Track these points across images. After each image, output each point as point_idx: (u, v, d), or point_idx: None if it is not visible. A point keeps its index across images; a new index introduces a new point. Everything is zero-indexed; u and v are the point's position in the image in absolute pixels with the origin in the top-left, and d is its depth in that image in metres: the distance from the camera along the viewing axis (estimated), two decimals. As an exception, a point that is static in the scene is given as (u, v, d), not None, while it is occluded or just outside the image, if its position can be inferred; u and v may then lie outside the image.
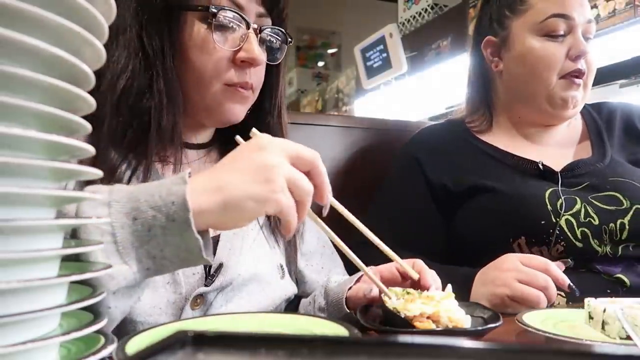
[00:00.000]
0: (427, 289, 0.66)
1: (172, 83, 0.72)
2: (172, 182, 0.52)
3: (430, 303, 0.59)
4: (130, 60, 0.69)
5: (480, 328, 0.59)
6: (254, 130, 0.62)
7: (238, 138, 0.62)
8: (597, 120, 1.11)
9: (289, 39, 0.80)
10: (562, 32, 1.00)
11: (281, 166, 0.53)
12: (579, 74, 1.00)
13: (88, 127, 0.38)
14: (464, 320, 0.59)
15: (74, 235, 0.50)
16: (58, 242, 0.38)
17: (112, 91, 0.68)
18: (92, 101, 0.38)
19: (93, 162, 0.67)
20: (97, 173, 0.39)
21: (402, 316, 0.58)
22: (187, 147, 0.79)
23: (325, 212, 0.60)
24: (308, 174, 0.56)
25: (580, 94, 1.02)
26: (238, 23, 0.72)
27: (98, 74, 0.67)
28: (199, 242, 0.51)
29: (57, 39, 0.33)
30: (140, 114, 0.70)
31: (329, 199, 0.59)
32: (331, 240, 0.65)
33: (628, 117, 1.11)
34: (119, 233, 0.50)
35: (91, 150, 0.38)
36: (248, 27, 0.73)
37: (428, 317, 0.57)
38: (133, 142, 0.70)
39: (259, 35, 0.75)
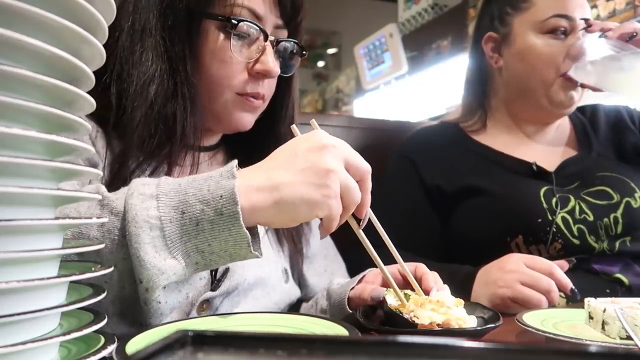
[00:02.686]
0: (428, 293, 0.66)
1: (194, 89, 0.72)
2: (221, 175, 0.52)
3: (440, 309, 0.58)
4: (158, 65, 0.70)
5: (479, 328, 0.58)
6: (313, 121, 0.61)
7: (294, 128, 0.61)
8: (583, 120, 1.14)
9: (304, 52, 0.80)
10: (563, 32, 1.01)
11: (339, 172, 0.52)
12: None
13: (88, 126, 0.38)
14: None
15: (123, 235, 0.51)
16: (58, 242, 0.38)
17: (144, 96, 0.68)
18: (92, 101, 0.38)
19: (120, 166, 0.67)
20: (97, 173, 0.40)
21: (406, 317, 0.57)
22: (199, 149, 0.79)
23: (363, 225, 0.60)
24: (357, 183, 0.56)
25: (578, 94, 1.03)
26: (256, 34, 0.73)
27: (124, 76, 0.68)
28: (247, 236, 0.51)
29: (57, 39, 0.33)
30: (166, 119, 0.70)
31: (368, 213, 0.59)
32: (362, 242, 0.62)
33: (611, 114, 1.14)
34: (167, 227, 0.51)
35: (91, 150, 0.38)
36: (266, 39, 0.73)
37: (438, 325, 0.57)
38: (156, 147, 0.70)
39: (275, 47, 0.75)
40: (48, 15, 0.32)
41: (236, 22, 0.70)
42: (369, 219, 0.61)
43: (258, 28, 0.72)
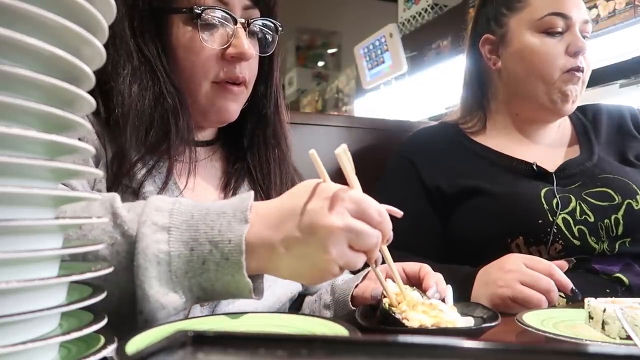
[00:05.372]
0: (425, 291, 0.66)
1: (175, 84, 0.72)
2: (234, 215, 0.52)
3: (432, 312, 0.58)
4: (135, 66, 0.70)
5: (474, 327, 0.59)
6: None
7: (313, 153, 0.55)
8: (584, 121, 1.13)
9: (280, 28, 0.79)
10: (560, 30, 1.01)
11: (343, 231, 0.50)
12: (578, 69, 1.00)
13: (88, 126, 0.38)
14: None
15: (130, 259, 0.50)
16: (58, 242, 0.38)
17: (129, 96, 0.69)
18: (92, 101, 0.38)
19: (120, 164, 0.68)
20: (98, 173, 0.40)
21: (398, 317, 0.57)
22: (195, 144, 0.80)
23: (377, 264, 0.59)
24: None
25: (579, 89, 1.02)
26: (224, 20, 0.72)
27: (105, 79, 0.68)
28: (249, 285, 0.52)
29: (57, 39, 0.33)
30: (160, 116, 0.71)
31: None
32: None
33: (614, 116, 1.13)
34: (174, 262, 0.51)
35: (92, 150, 0.38)
36: (235, 22, 0.73)
37: None
38: (155, 143, 0.70)
39: (247, 29, 0.74)
40: (48, 15, 0.32)
41: (200, 12, 0.70)
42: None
43: (225, 13, 0.72)
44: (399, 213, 0.58)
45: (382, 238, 0.54)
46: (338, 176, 0.57)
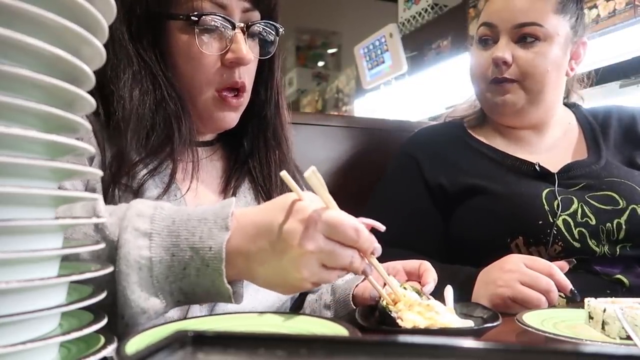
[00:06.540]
0: (423, 287, 0.67)
1: (175, 89, 0.72)
2: (215, 222, 0.52)
3: (427, 314, 0.58)
4: (135, 71, 0.70)
5: (475, 327, 0.59)
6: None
7: (284, 174, 0.54)
8: (593, 124, 1.11)
9: (280, 30, 0.79)
10: (489, 40, 1.03)
11: (313, 259, 0.51)
12: (498, 81, 1.01)
13: (88, 126, 0.38)
14: None
15: (111, 256, 0.51)
16: (58, 242, 0.38)
17: (130, 101, 0.69)
18: (92, 101, 0.38)
19: (119, 166, 0.68)
20: (97, 173, 0.40)
21: (394, 316, 0.58)
22: (196, 145, 0.80)
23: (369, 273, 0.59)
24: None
25: (515, 97, 1.01)
26: (222, 25, 0.72)
27: (105, 82, 0.68)
28: (228, 291, 0.53)
29: (57, 39, 0.33)
30: (163, 119, 0.71)
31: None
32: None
33: (625, 119, 1.11)
34: (156, 267, 0.51)
35: (92, 150, 0.38)
36: (234, 27, 0.72)
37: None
38: (157, 146, 0.70)
39: (246, 32, 0.74)
40: (48, 15, 0.32)
41: (197, 18, 0.69)
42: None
43: (223, 18, 0.71)
44: (381, 227, 0.58)
45: (364, 252, 0.54)
46: (335, 176, 0.56)
